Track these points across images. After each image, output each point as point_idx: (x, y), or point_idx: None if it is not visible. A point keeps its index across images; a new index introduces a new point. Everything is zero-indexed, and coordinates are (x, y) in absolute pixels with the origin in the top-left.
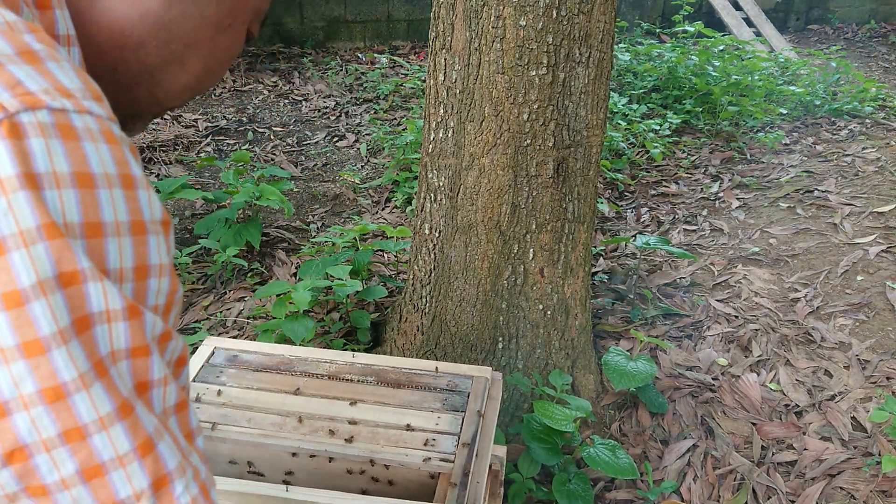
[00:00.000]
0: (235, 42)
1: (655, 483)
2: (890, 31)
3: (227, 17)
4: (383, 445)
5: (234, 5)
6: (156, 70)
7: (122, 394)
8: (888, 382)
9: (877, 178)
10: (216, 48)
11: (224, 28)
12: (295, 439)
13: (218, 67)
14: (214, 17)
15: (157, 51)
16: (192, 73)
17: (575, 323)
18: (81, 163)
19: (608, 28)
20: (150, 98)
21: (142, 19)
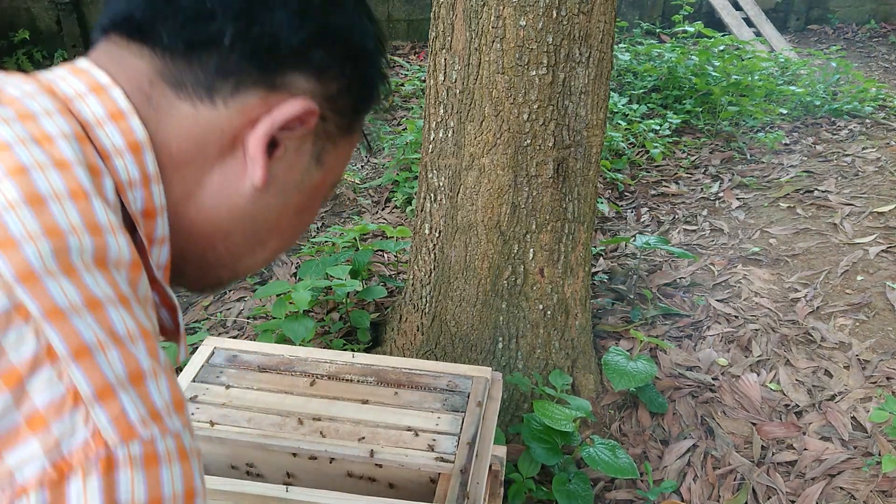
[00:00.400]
0: (313, 215)
1: (655, 483)
2: (890, 31)
3: (308, 201)
4: (383, 446)
5: (316, 189)
6: (240, 255)
7: None
8: (888, 382)
9: (877, 178)
10: (296, 226)
11: (304, 209)
12: (295, 440)
13: (293, 240)
14: (296, 203)
15: (242, 239)
16: (271, 249)
17: (575, 323)
18: (156, 489)
19: (608, 28)
20: (233, 275)
21: (230, 213)
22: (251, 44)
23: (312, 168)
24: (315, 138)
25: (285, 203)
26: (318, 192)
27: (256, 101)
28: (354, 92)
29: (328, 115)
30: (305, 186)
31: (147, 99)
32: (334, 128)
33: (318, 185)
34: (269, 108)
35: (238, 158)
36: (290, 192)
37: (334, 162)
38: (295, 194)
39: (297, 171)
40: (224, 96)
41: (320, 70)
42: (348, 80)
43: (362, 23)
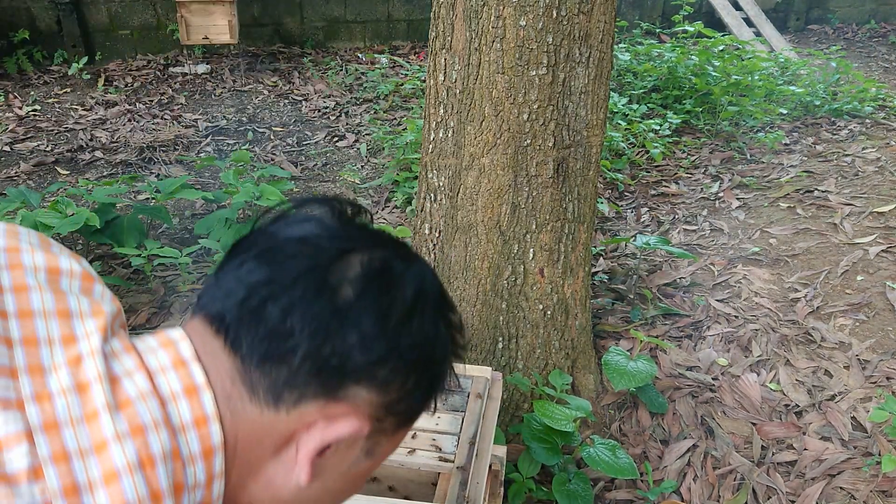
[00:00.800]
0: (355, 492)
1: (655, 483)
2: (890, 31)
3: (353, 483)
4: None
5: (363, 474)
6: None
7: None
8: (888, 382)
9: (877, 178)
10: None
11: (344, 491)
12: None
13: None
14: (340, 488)
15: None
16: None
17: (575, 323)
18: None
19: (608, 28)
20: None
21: (271, 501)
22: (320, 363)
23: (361, 460)
24: (368, 437)
25: (327, 488)
26: (365, 475)
27: (315, 409)
28: (418, 397)
29: (385, 417)
30: (352, 473)
31: (228, 399)
32: (392, 425)
33: (366, 470)
34: (325, 415)
35: (289, 454)
36: (335, 481)
37: (387, 449)
38: (339, 481)
39: (345, 464)
40: (288, 405)
41: (383, 384)
42: (412, 389)
43: (437, 333)
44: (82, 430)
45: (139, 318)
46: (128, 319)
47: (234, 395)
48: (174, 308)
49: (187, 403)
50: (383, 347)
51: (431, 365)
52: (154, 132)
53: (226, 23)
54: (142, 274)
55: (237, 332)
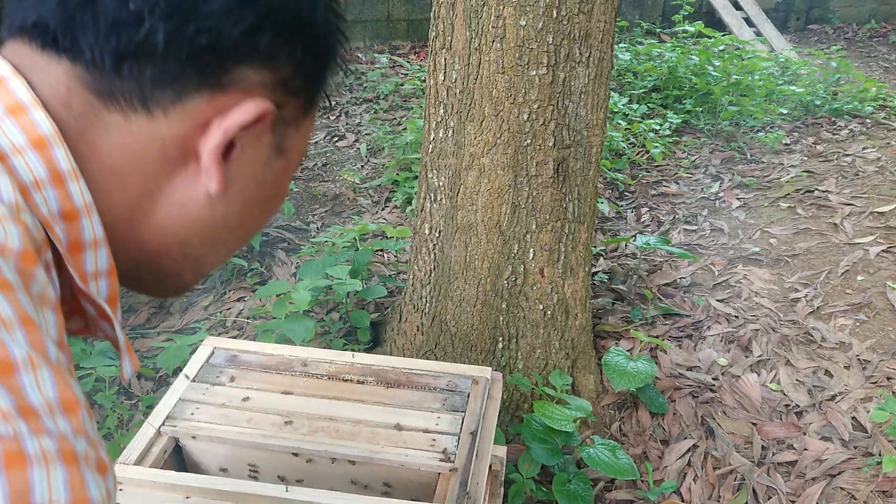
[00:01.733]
0: (279, 202)
1: (655, 483)
2: (890, 30)
3: (272, 191)
4: (383, 445)
5: (280, 178)
6: (201, 257)
7: None
8: (888, 382)
9: (877, 178)
10: (259, 218)
11: (267, 200)
12: (295, 439)
13: (258, 228)
14: (259, 196)
15: (200, 244)
16: (233, 245)
17: (575, 323)
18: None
19: (608, 28)
20: (196, 276)
21: (185, 222)
22: (188, 45)
23: (273, 159)
24: (273, 128)
25: (246, 200)
26: (282, 178)
27: (202, 104)
28: (310, 68)
29: (284, 101)
30: (268, 179)
31: (65, 106)
32: (293, 111)
33: (283, 173)
34: (218, 110)
35: (190, 166)
36: (251, 189)
37: (298, 144)
38: (256, 189)
39: (257, 166)
40: (163, 106)
41: (269, 57)
42: (301, 59)
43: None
44: None
45: (139, 318)
46: (128, 319)
47: (79, 105)
48: (173, 308)
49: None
50: (253, 11)
51: (314, 27)
52: None
53: None
54: None
55: (71, 36)
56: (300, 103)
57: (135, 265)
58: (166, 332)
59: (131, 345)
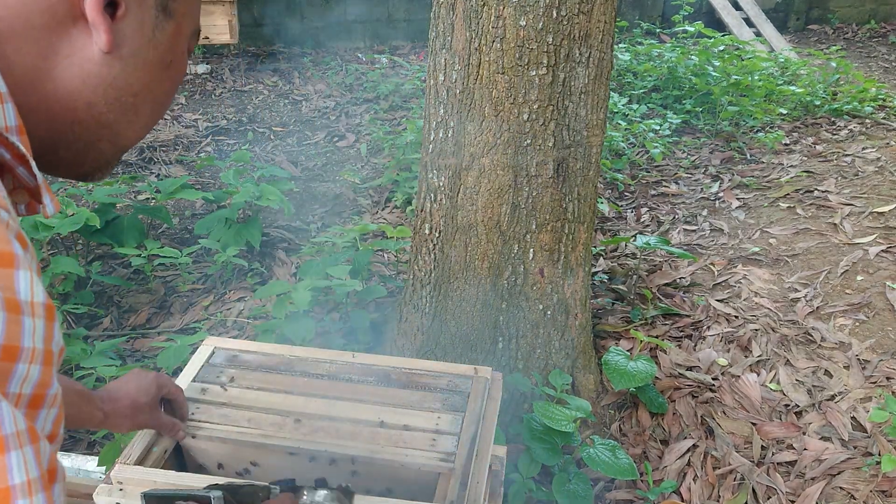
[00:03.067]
0: (180, 70)
1: (655, 483)
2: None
3: (168, 54)
4: (383, 446)
5: (172, 40)
6: (112, 123)
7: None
8: (888, 382)
9: (877, 178)
10: (163, 84)
11: (167, 65)
12: (295, 439)
13: (168, 98)
14: (155, 59)
15: (107, 107)
16: (146, 113)
17: (575, 323)
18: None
19: (608, 28)
20: (114, 148)
21: (84, 83)
22: None
23: (162, 20)
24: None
25: (144, 62)
26: (177, 44)
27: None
28: None
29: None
30: (160, 41)
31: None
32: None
33: (174, 36)
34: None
35: (81, 26)
36: (146, 50)
37: (184, 8)
38: (151, 51)
39: (146, 27)
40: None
41: None
42: None
43: None
44: None
45: (139, 318)
46: (128, 319)
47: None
48: (174, 308)
49: None
50: None
51: None
52: (154, 132)
53: (226, 23)
54: (142, 274)
55: None
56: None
57: (49, 137)
58: (166, 332)
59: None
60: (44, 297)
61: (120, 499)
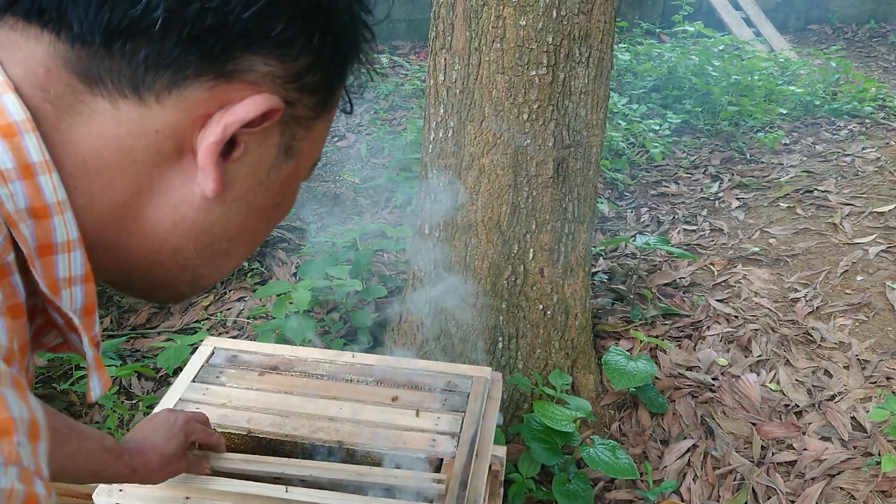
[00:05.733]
0: (286, 210)
1: (655, 483)
2: (890, 30)
3: (278, 196)
4: (383, 446)
5: (287, 182)
6: (197, 268)
7: None
8: (888, 382)
9: (877, 178)
10: (264, 226)
11: (273, 207)
12: (295, 439)
13: (265, 236)
14: (263, 203)
15: (196, 254)
16: (237, 257)
17: (575, 323)
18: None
19: (608, 28)
20: (193, 288)
21: (175, 227)
22: (190, 25)
23: (281, 161)
24: (282, 127)
25: (248, 206)
26: (289, 184)
27: (202, 94)
28: (328, 61)
29: (297, 97)
30: (274, 183)
31: (41, 90)
32: (306, 110)
33: (290, 177)
34: (220, 103)
35: (187, 162)
36: (255, 194)
37: (309, 147)
38: (260, 194)
39: (262, 169)
40: (156, 92)
41: (283, 47)
42: (319, 50)
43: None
44: None
45: (139, 318)
46: (128, 319)
47: (56, 86)
48: (174, 308)
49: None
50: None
51: (335, 15)
52: None
53: None
54: None
55: (58, 6)
56: (315, 101)
57: (125, 274)
58: (166, 332)
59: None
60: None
61: (120, 499)
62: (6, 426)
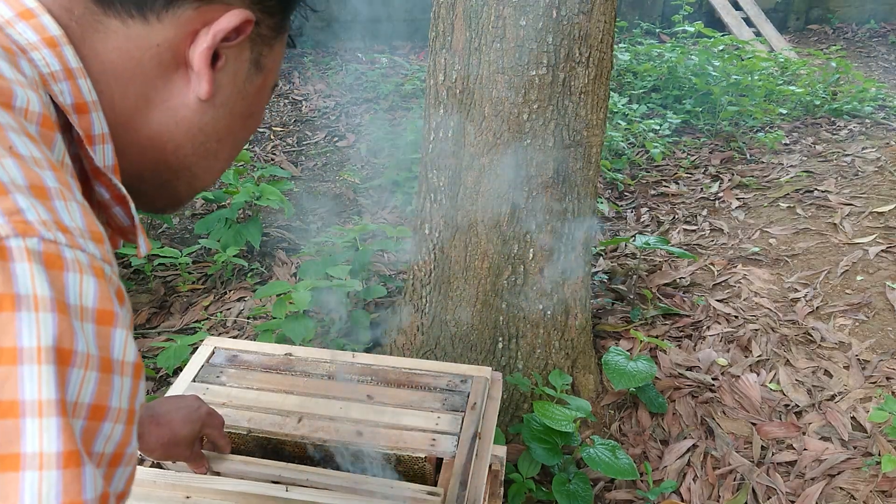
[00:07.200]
0: (258, 121)
1: (655, 483)
2: (890, 30)
3: (252, 106)
4: (383, 446)
5: (258, 93)
6: (193, 165)
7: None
8: (888, 382)
9: (876, 178)
10: (243, 133)
11: (249, 115)
12: (295, 439)
13: (242, 146)
14: (241, 109)
15: (192, 150)
16: (223, 159)
17: (575, 323)
18: (60, 290)
19: (608, 28)
20: (189, 189)
21: (178, 126)
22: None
23: (253, 73)
24: (252, 44)
25: (231, 111)
26: (260, 95)
27: (191, 13)
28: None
29: (260, 17)
30: (248, 92)
31: (67, 11)
32: (267, 30)
33: (260, 88)
34: (204, 20)
35: (181, 73)
36: (235, 100)
37: (272, 64)
38: (239, 101)
39: (239, 78)
40: (156, 12)
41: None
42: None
43: None
44: None
45: (139, 318)
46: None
47: (77, 9)
48: (174, 308)
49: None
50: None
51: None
52: None
53: None
54: (142, 274)
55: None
56: (274, 22)
57: (135, 174)
58: (166, 332)
59: None
60: (134, 357)
61: None
62: None
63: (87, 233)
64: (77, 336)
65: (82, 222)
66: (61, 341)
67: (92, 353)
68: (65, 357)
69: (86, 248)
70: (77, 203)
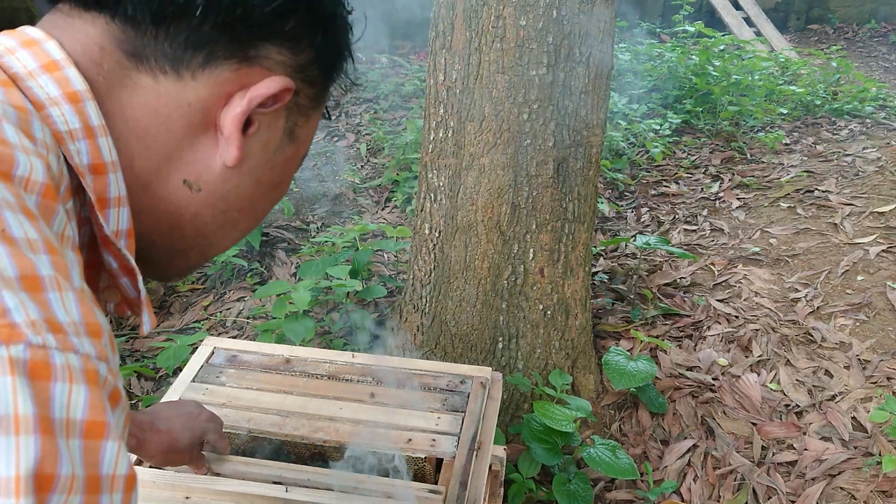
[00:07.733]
0: (283, 192)
1: (655, 483)
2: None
3: (280, 176)
4: (383, 446)
5: (288, 164)
6: (210, 234)
7: None
8: (888, 382)
9: (877, 178)
10: (266, 203)
11: (276, 185)
12: (295, 439)
13: (263, 217)
14: (269, 179)
15: (212, 218)
16: (242, 229)
17: (575, 323)
18: (43, 404)
19: (608, 28)
20: (201, 257)
21: (198, 192)
22: (223, 14)
23: (285, 143)
24: (288, 113)
25: (257, 180)
26: (289, 166)
27: (228, 74)
28: (324, 60)
29: (300, 87)
30: (277, 162)
31: (96, 65)
32: (306, 100)
33: (290, 158)
34: (241, 83)
35: (210, 135)
36: (263, 170)
37: (305, 135)
38: (267, 171)
39: (270, 147)
40: (192, 70)
41: (293, 40)
42: (319, 49)
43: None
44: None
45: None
46: (128, 319)
47: (108, 62)
48: (174, 308)
49: (28, 53)
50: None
51: (334, 21)
52: None
53: None
54: None
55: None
56: (314, 93)
57: (147, 240)
58: (166, 332)
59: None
60: (126, 469)
61: None
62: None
63: (82, 327)
64: (61, 458)
65: (78, 314)
66: (42, 467)
67: (77, 473)
68: (45, 484)
69: (79, 349)
70: (73, 291)
